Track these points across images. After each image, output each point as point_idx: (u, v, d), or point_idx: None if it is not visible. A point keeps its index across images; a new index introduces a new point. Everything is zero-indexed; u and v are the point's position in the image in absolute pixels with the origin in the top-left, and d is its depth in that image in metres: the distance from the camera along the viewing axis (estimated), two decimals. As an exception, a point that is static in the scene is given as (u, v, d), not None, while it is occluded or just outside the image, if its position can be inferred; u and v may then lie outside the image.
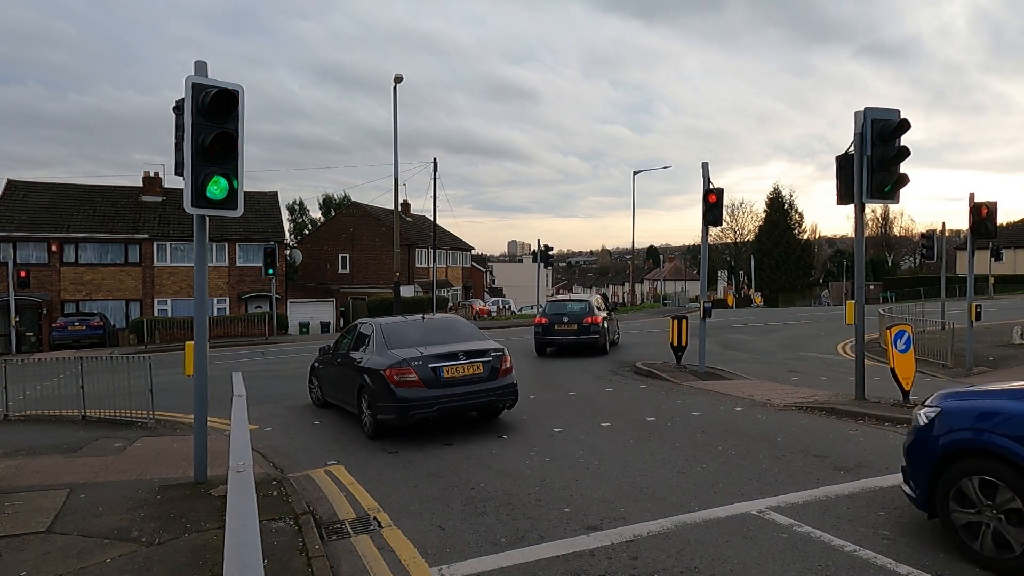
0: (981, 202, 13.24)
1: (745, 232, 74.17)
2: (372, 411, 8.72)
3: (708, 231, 13.82)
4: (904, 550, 4.56)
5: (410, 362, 8.49)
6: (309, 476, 7.13)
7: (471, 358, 8.87)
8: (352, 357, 9.65)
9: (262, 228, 38.93)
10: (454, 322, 10.42)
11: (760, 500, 5.67)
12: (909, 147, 8.98)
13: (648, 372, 13.70)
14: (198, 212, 6.07)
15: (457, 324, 10.32)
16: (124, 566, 4.64)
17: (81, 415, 10.91)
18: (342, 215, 53.09)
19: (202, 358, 6.46)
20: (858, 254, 9.89)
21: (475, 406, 9.00)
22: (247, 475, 3.28)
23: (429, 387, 8.42)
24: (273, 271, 29.81)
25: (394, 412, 8.38)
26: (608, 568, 4.46)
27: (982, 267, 40.39)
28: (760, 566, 4.41)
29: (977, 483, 4.21)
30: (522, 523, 5.38)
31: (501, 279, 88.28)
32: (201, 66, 6.03)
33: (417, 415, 8.35)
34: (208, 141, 5.86)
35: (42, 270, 33.66)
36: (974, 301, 14.38)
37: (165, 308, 36.43)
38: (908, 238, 79.14)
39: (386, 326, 9.71)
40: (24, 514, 5.80)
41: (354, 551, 4.97)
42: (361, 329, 10.16)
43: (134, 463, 7.75)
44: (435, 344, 9.05)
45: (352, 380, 9.47)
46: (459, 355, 8.81)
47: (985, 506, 4.17)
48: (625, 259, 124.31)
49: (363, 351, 9.46)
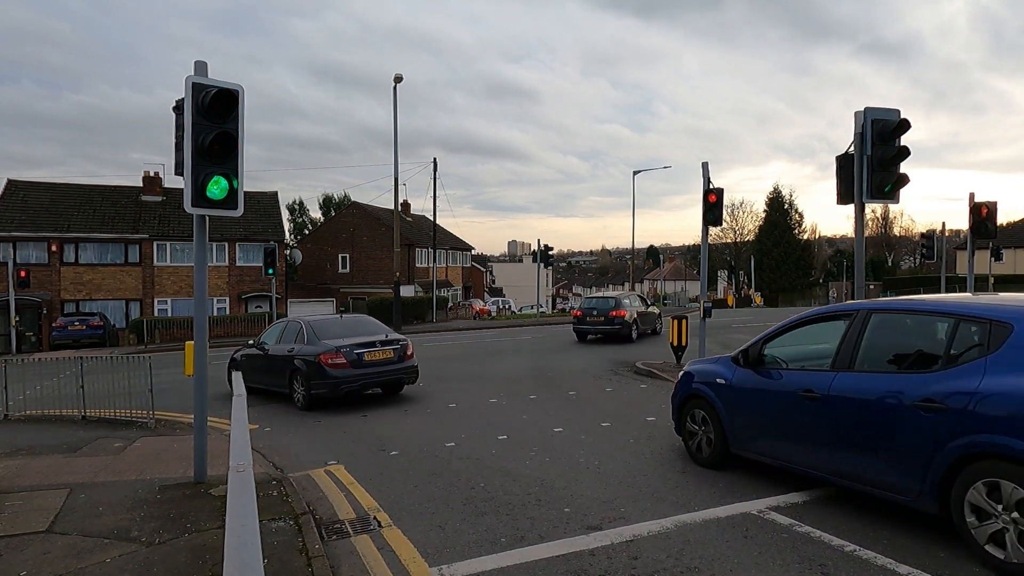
0: (981, 202, 13.24)
1: (745, 232, 74.26)
2: (306, 388, 10.91)
3: (708, 231, 13.82)
4: (904, 550, 4.56)
5: (340, 349, 10.81)
6: (309, 476, 7.13)
7: (384, 346, 11.37)
8: (282, 348, 11.71)
9: (262, 228, 38.94)
10: (365, 319, 12.95)
11: (760, 500, 5.67)
12: (909, 147, 8.99)
13: (648, 372, 13.70)
14: (198, 212, 6.06)
15: (367, 320, 12.81)
16: (124, 566, 4.64)
17: (81, 415, 10.92)
18: (342, 215, 53.10)
19: (202, 358, 6.47)
20: (858, 254, 9.89)
21: (389, 382, 11.72)
22: (247, 475, 3.28)
23: (355, 367, 10.88)
24: (273, 271, 29.79)
25: (327, 387, 10.75)
26: (608, 568, 4.46)
27: (982, 267, 40.39)
28: (760, 566, 4.41)
29: (698, 414, 6.93)
30: (522, 523, 5.38)
31: (501, 279, 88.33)
32: (201, 66, 6.03)
33: (345, 388, 10.82)
34: (208, 141, 5.86)
35: (42, 270, 33.67)
36: (974, 301, 14.36)
37: (165, 308, 36.43)
38: (908, 238, 79.18)
39: (313, 322, 11.88)
40: (24, 514, 5.80)
41: (354, 551, 4.97)
42: (289, 326, 12.17)
43: (134, 463, 7.75)
44: (353, 336, 11.31)
45: (284, 366, 11.45)
46: (376, 343, 11.30)
47: (701, 427, 6.88)
48: (625, 259, 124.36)
49: (294, 343, 11.50)
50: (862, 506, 5.46)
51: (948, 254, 35.80)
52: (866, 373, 5.19)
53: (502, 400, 11.20)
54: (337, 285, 47.31)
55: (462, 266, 60.22)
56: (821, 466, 5.44)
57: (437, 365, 16.85)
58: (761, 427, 6.13)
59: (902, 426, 4.74)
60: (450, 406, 10.83)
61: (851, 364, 5.30)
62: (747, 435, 6.30)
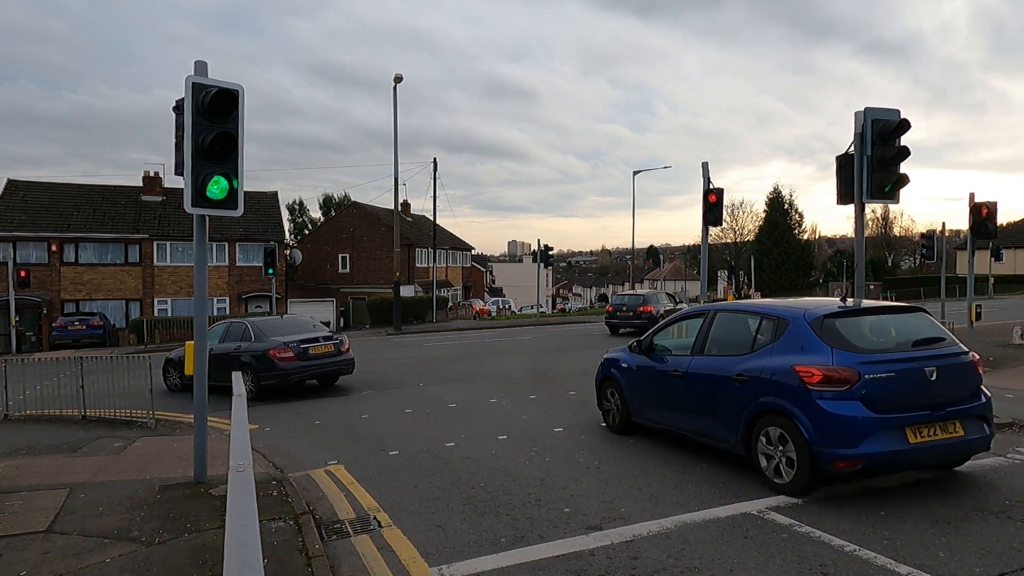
0: (981, 202, 13.22)
1: (745, 232, 74.17)
2: (256, 380, 12.20)
3: (708, 231, 13.82)
4: (904, 550, 4.57)
5: (288, 344, 12.28)
6: (309, 476, 7.13)
7: (325, 341, 13.06)
8: (227, 347, 12.80)
9: (262, 228, 38.94)
10: (303, 318, 15.00)
11: (760, 500, 5.67)
12: (909, 147, 8.99)
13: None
14: (198, 212, 6.07)
15: (305, 320, 14.63)
16: (124, 566, 4.64)
17: (81, 415, 10.92)
18: (342, 215, 53.09)
19: (202, 358, 6.47)
20: (858, 254, 9.89)
21: (330, 372, 13.13)
22: (247, 475, 3.28)
23: (301, 360, 12.33)
24: (273, 271, 29.76)
25: (277, 379, 12.17)
26: (608, 568, 4.46)
27: (982, 267, 40.41)
28: (760, 566, 4.41)
29: (609, 391, 8.53)
30: (522, 523, 5.38)
31: (501, 279, 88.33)
32: (201, 66, 6.03)
33: (294, 378, 12.34)
34: (208, 141, 5.86)
35: (42, 270, 33.66)
36: (974, 301, 14.37)
37: (165, 308, 36.43)
38: (908, 238, 79.17)
39: (258, 322, 13.43)
40: (24, 514, 5.80)
41: (354, 551, 4.97)
42: (232, 327, 13.45)
43: (134, 463, 7.75)
44: (295, 333, 12.80)
45: (231, 363, 12.10)
46: (319, 339, 12.98)
47: (613, 401, 8.46)
48: (625, 259, 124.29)
49: (240, 341, 12.80)
50: (862, 506, 5.46)
51: (948, 254, 35.77)
52: (710, 356, 6.90)
53: (502, 400, 11.20)
54: (337, 285, 47.29)
55: (462, 266, 60.22)
56: (684, 427, 7.22)
57: (437, 365, 16.85)
58: (649, 400, 7.82)
59: (725, 394, 6.46)
60: (450, 406, 10.83)
61: (702, 350, 7.03)
62: (641, 407, 7.98)
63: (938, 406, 5.64)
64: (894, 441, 5.44)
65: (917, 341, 6.08)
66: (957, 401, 5.78)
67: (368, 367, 17.27)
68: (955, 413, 5.73)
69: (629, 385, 8.13)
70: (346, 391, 12.99)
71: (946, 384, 5.73)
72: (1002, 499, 5.58)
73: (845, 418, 5.45)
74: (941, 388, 5.68)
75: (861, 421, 5.43)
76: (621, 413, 8.30)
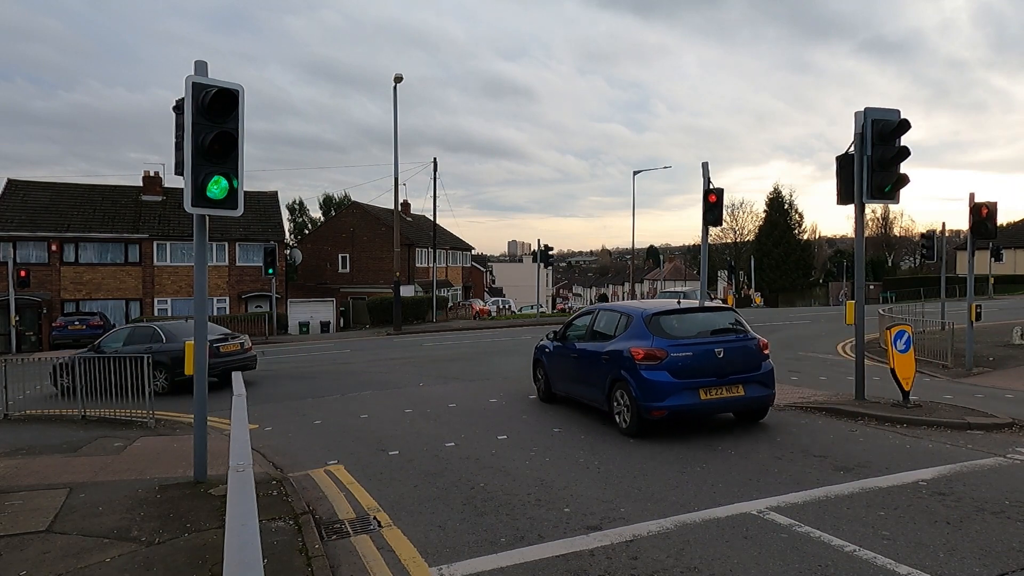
0: (981, 202, 13.23)
1: (745, 232, 74.18)
2: (170, 376, 13.61)
3: (708, 231, 13.81)
4: (904, 550, 4.57)
5: None
6: (309, 476, 7.13)
7: (232, 339, 14.84)
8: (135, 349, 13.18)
9: (262, 228, 38.94)
10: None
11: (760, 500, 5.67)
12: (909, 147, 8.99)
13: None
14: (198, 212, 6.06)
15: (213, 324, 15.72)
16: (124, 566, 4.64)
17: (81, 415, 10.92)
18: (342, 215, 53.10)
19: (202, 358, 6.46)
20: (858, 254, 9.90)
21: (238, 367, 13.41)
22: (247, 475, 3.28)
23: (213, 357, 12.79)
24: (273, 271, 29.80)
25: None
26: (608, 568, 4.46)
27: (982, 267, 40.38)
28: (760, 566, 4.41)
29: (538, 370, 10.89)
30: (522, 523, 5.38)
31: (501, 279, 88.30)
32: (201, 66, 6.03)
33: None
34: (208, 141, 5.86)
35: (42, 269, 33.66)
36: (974, 301, 14.37)
37: (165, 308, 36.43)
38: (908, 238, 79.16)
39: (166, 325, 15.23)
40: (24, 513, 5.80)
41: (354, 551, 4.97)
42: (138, 331, 14.99)
43: (134, 463, 7.75)
44: None
45: None
46: (228, 338, 14.75)
47: (540, 377, 10.85)
48: (625, 259, 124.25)
49: (151, 343, 13.86)
50: (862, 506, 5.46)
51: (948, 254, 35.74)
52: (592, 342, 9.27)
53: (502, 400, 11.20)
54: (337, 285, 47.29)
55: (462, 266, 60.21)
56: (579, 395, 9.60)
57: (437, 365, 16.86)
58: (560, 375, 10.22)
59: (598, 368, 8.77)
60: (450, 406, 10.83)
61: (590, 337, 9.41)
62: (556, 380, 10.35)
63: (724, 375, 8.01)
64: (690, 397, 7.85)
65: (715, 330, 8.45)
66: (741, 371, 8.12)
67: (368, 367, 17.28)
68: (738, 379, 8.07)
69: (549, 364, 10.56)
70: (346, 391, 13.00)
71: (731, 360, 8.05)
72: (1002, 499, 5.58)
73: (656, 382, 7.83)
74: (727, 362, 8.02)
75: (667, 384, 7.82)
76: (545, 387, 10.72)
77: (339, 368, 17.52)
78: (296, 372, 17.20)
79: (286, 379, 15.63)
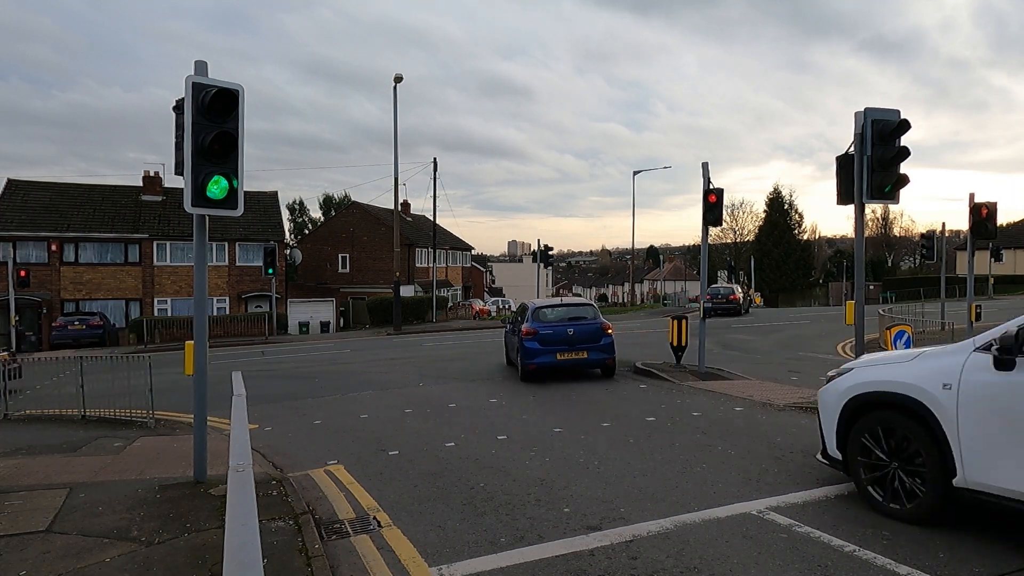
0: (981, 202, 13.23)
1: (745, 232, 74.32)
2: None
3: (708, 231, 13.80)
4: (904, 550, 4.56)
5: None
6: (309, 476, 7.13)
7: None
8: None
9: (262, 228, 38.95)
10: None
11: (760, 500, 5.67)
12: (909, 147, 8.98)
13: (648, 372, 13.70)
14: (198, 212, 6.06)
15: None
16: (124, 566, 4.64)
17: (81, 414, 10.91)
18: (342, 215, 53.10)
19: (202, 357, 6.46)
20: (858, 254, 9.89)
21: None
22: (247, 475, 3.29)
23: None
24: (273, 271, 29.80)
25: None
26: (608, 568, 4.46)
27: (982, 267, 40.37)
28: (760, 566, 4.41)
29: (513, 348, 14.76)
30: (522, 523, 5.38)
31: (501, 279, 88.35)
32: (201, 66, 6.03)
33: None
34: (208, 141, 5.86)
35: (42, 269, 33.67)
36: (974, 301, 14.38)
37: (165, 308, 36.44)
38: (908, 238, 79.21)
39: None
40: (24, 513, 5.80)
41: (354, 551, 4.97)
42: None
43: (134, 462, 7.75)
44: None
45: None
46: None
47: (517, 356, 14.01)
48: (625, 259, 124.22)
49: None
50: (862, 506, 5.46)
51: (948, 254, 35.73)
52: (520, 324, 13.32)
53: (502, 400, 11.20)
54: (337, 285, 47.30)
55: (462, 266, 60.22)
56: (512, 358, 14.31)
57: (437, 365, 16.86)
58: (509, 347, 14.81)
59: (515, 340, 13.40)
60: (450, 406, 10.83)
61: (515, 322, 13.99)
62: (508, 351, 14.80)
63: (573, 345, 12.61)
64: (550, 358, 12.59)
65: (571, 317, 13.10)
66: (586, 342, 12.72)
67: (368, 367, 17.28)
68: (582, 348, 12.67)
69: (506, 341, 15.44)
70: (346, 391, 13.00)
71: (579, 335, 12.70)
72: (1002, 499, 5.57)
73: (531, 348, 12.64)
74: (576, 337, 12.66)
75: (536, 350, 12.61)
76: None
77: (339, 368, 17.53)
78: (296, 372, 17.21)
79: (286, 379, 15.63)
